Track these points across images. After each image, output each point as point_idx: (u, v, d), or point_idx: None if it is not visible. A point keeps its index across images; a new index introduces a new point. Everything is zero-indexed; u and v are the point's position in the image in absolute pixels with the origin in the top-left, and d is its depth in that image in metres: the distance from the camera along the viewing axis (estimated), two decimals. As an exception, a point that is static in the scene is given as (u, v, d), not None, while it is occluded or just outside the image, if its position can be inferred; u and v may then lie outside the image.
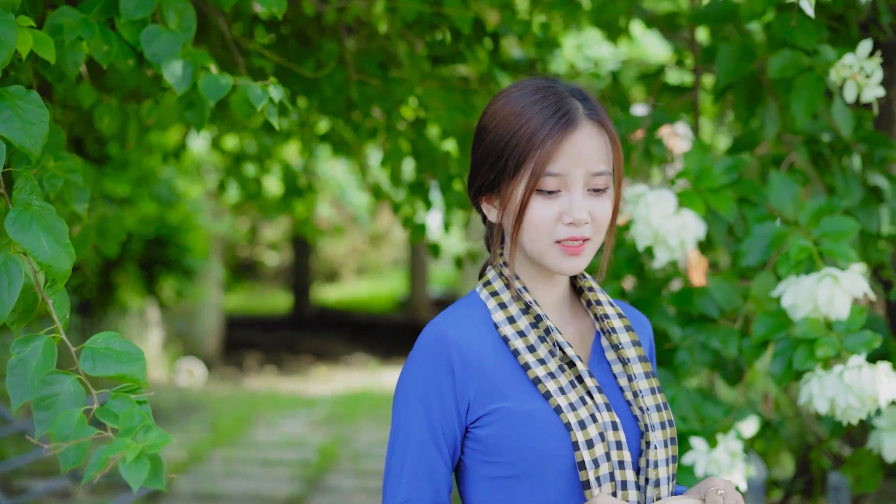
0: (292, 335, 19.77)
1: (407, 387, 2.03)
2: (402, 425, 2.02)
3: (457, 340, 2.01)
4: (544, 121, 1.98)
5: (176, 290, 12.79)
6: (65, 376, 1.71)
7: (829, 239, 2.96)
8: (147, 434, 1.53)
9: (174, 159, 5.70)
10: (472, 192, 2.11)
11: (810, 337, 2.80)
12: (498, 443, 1.98)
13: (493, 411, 1.99)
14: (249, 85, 2.41)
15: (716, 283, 3.14)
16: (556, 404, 1.98)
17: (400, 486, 2.01)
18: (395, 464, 2.02)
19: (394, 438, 2.04)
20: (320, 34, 4.24)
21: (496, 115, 2.04)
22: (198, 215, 12.49)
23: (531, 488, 1.98)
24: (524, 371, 2.01)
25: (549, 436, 1.97)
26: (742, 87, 3.49)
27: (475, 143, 2.09)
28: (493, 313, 2.05)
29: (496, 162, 2.02)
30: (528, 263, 2.09)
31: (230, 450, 9.91)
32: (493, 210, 2.08)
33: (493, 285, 2.09)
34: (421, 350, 2.02)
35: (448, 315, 2.07)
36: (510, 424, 1.98)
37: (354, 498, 8.28)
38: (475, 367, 2.00)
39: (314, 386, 14.22)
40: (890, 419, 3.27)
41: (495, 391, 1.99)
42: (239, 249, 25.47)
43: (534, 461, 1.97)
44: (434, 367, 1.99)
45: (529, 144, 1.98)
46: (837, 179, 3.55)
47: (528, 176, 1.98)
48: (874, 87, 3.13)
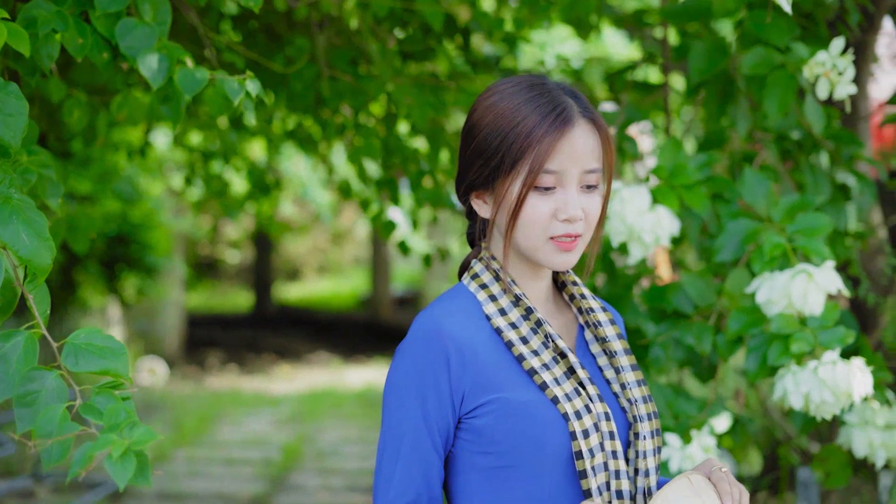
0: (254, 334, 19.68)
1: (401, 379, 2.02)
2: (396, 419, 2.01)
3: (451, 331, 2.00)
4: (542, 118, 2.00)
5: (138, 289, 12.69)
6: (47, 372, 1.69)
7: (802, 235, 2.98)
8: (133, 430, 1.51)
9: (140, 156, 5.65)
10: (463, 188, 2.10)
11: (785, 333, 2.82)
12: (494, 433, 1.99)
13: (490, 402, 1.99)
14: (226, 79, 2.39)
15: (690, 279, 3.15)
16: (553, 395, 2.00)
17: (393, 482, 2.00)
18: (389, 458, 2.01)
19: (387, 432, 2.02)
20: (290, 30, 4.21)
21: (490, 111, 2.04)
22: (160, 213, 12.40)
23: (525, 479, 2.00)
24: (518, 362, 2.02)
25: (546, 426, 1.99)
26: (714, 85, 3.50)
27: (466, 138, 2.09)
28: (484, 305, 2.05)
29: (491, 158, 2.02)
30: (516, 258, 2.10)
31: (194, 449, 9.85)
32: (484, 205, 2.09)
33: (482, 278, 2.09)
34: (415, 342, 2.02)
35: (439, 307, 2.06)
36: (507, 415, 1.99)
37: (319, 496, 8.25)
38: (470, 358, 2.00)
39: (277, 385, 14.16)
40: (860, 415, 3.30)
41: (491, 382, 2.00)
42: (200, 247, 25.33)
43: (530, 451, 1.99)
44: (430, 359, 1.99)
45: (527, 141, 1.99)
46: (807, 177, 3.58)
47: (526, 172, 1.99)
48: (846, 84, 3.16)
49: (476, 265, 2.12)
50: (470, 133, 2.07)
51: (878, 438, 3.27)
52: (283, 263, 27.98)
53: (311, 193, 13.97)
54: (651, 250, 3.07)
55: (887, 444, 3.27)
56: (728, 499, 2.01)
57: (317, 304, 24.87)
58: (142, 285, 12.54)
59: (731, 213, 3.17)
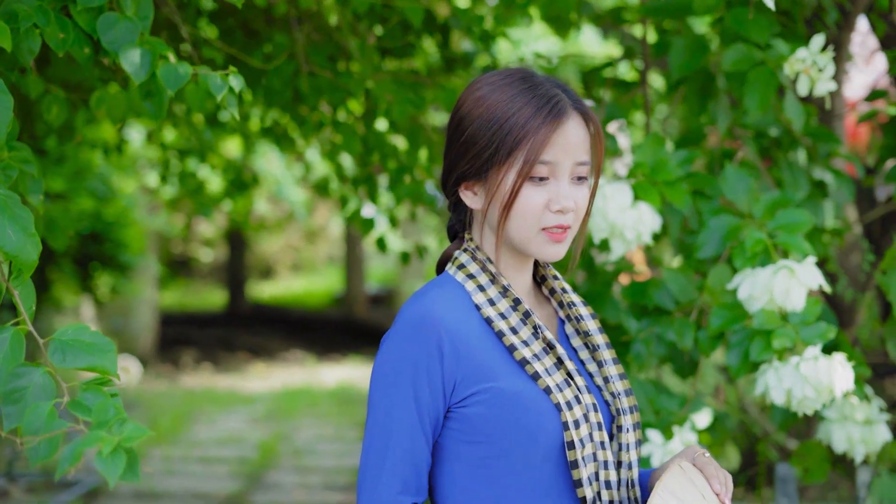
0: (228, 332, 19.60)
1: (393, 366, 2.00)
2: (387, 406, 1.99)
3: (444, 319, 2.00)
4: (537, 109, 2.01)
5: (111, 287, 12.63)
6: (34, 368, 1.67)
7: (783, 231, 2.98)
8: (122, 427, 1.50)
9: (117, 153, 5.61)
10: (453, 178, 2.09)
11: (766, 328, 2.82)
12: (484, 423, 1.99)
13: (482, 391, 1.99)
14: (209, 74, 2.38)
15: (671, 275, 3.15)
16: (546, 385, 2.00)
17: (384, 470, 1.97)
18: (380, 446, 1.99)
19: (377, 420, 2.00)
20: (268, 26, 4.19)
21: (483, 102, 2.04)
22: (134, 211, 12.34)
23: (513, 469, 2.00)
24: (509, 352, 2.03)
25: (540, 416, 1.99)
26: (694, 82, 3.51)
27: (456, 129, 2.08)
28: (473, 295, 2.05)
29: (485, 148, 2.02)
30: (503, 249, 2.10)
31: (169, 448, 9.80)
32: (474, 196, 2.08)
33: (469, 268, 2.08)
34: (407, 329, 2.00)
35: (429, 295, 2.04)
36: (499, 404, 1.98)
37: (295, 494, 8.23)
38: (463, 347, 1.99)
39: (252, 383, 14.11)
40: (839, 411, 3.31)
41: (483, 371, 2.00)
42: (173, 245, 25.22)
43: (522, 441, 1.99)
44: (423, 346, 1.98)
45: (523, 131, 2.00)
46: (785, 174, 3.59)
47: (521, 163, 2.00)
48: (826, 81, 3.17)
49: (461, 255, 2.11)
50: (461, 123, 2.07)
51: (857, 434, 3.28)
52: (257, 262, 27.89)
53: (286, 191, 13.94)
54: (633, 247, 3.07)
55: (866, 439, 3.29)
56: (716, 482, 2.05)
57: (291, 302, 24.80)
58: (115, 283, 12.49)
59: (712, 210, 3.17)
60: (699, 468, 2.08)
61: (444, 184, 2.14)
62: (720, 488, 2.05)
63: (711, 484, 2.05)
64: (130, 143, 8.93)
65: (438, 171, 4.78)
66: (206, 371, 15.21)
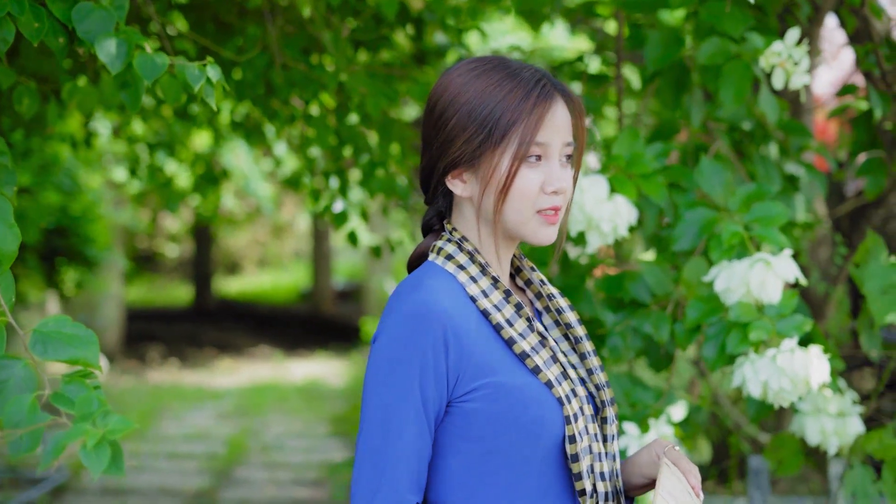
0: (194, 327, 19.51)
1: (394, 360, 1.92)
2: (389, 403, 1.92)
3: (447, 310, 1.95)
4: (528, 90, 1.99)
5: (77, 282, 12.53)
6: (14, 361, 1.65)
7: (759, 224, 2.99)
8: (106, 420, 1.48)
9: (86, 146, 5.56)
10: (441, 168, 2.05)
11: (743, 321, 2.83)
12: (487, 418, 1.95)
13: (484, 385, 1.95)
14: (186, 65, 2.35)
15: (648, 268, 3.15)
16: (546, 379, 1.98)
17: (388, 466, 1.90)
18: (381, 442, 1.91)
19: (377, 414, 1.92)
20: (240, 18, 4.17)
21: (468, 87, 2.01)
22: (100, 205, 12.25)
23: (511, 464, 1.97)
24: (508, 345, 1.99)
25: (542, 410, 1.97)
26: (669, 75, 3.51)
27: (440, 117, 2.04)
28: (466, 286, 2.00)
29: (477, 132, 1.99)
30: (489, 239, 2.07)
31: (136, 443, 9.74)
32: (462, 184, 2.05)
33: (458, 259, 2.04)
34: (410, 320, 1.94)
35: (426, 285, 1.98)
36: (502, 399, 1.95)
37: (265, 490, 8.20)
38: (465, 340, 1.95)
39: (219, 378, 14.05)
40: (812, 403, 3.33)
41: (485, 365, 1.96)
42: (138, 241, 25.07)
43: (525, 435, 1.96)
44: (428, 338, 1.92)
45: (516, 112, 1.98)
46: (758, 167, 3.60)
47: (516, 144, 1.98)
48: (801, 74, 3.18)
49: (447, 246, 2.06)
50: (446, 111, 2.03)
51: (830, 426, 3.30)
52: (223, 257, 27.78)
53: (253, 186, 13.88)
54: (609, 240, 3.07)
55: (839, 431, 3.31)
56: (692, 476, 2.05)
57: (257, 297, 24.72)
58: (81, 279, 12.39)
59: (688, 203, 3.17)
60: (674, 461, 2.08)
61: (428, 175, 2.10)
62: (696, 482, 2.05)
63: (688, 478, 2.05)
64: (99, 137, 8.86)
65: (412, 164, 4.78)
66: (172, 367, 15.13)
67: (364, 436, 1.93)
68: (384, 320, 1.98)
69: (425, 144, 2.09)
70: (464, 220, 2.09)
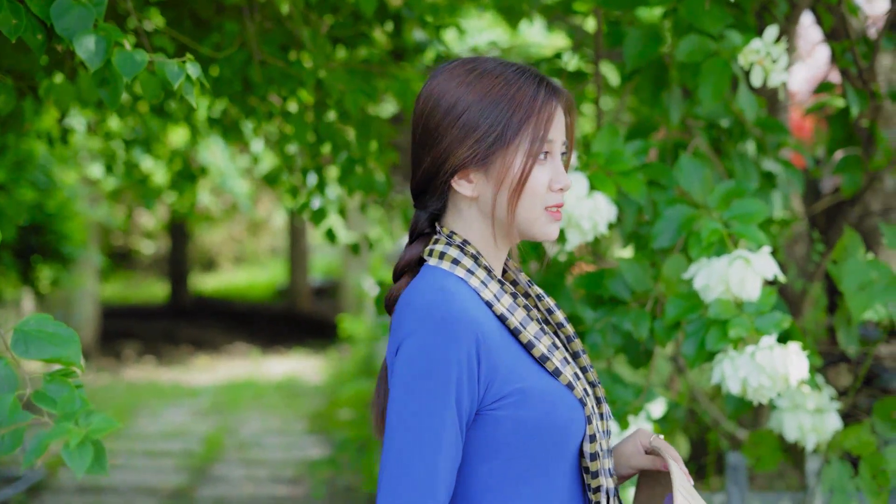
0: (170, 325, 19.46)
1: (432, 369, 1.87)
2: (426, 411, 1.86)
3: (475, 316, 1.92)
4: (535, 89, 1.99)
5: (52, 280, 12.46)
6: (-6, 360, 1.64)
7: (739, 221, 3.00)
8: (89, 418, 1.47)
9: (62, 143, 5.53)
10: (448, 169, 2.00)
11: (722, 318, 2.84)
12: (517, 424, 1.93)
13: (513, 392, 1.93)
14: (166, 62, 2.34)
15: (627, 265, 3.16)
16: (567, 381, 1.98)
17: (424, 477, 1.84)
18: (417, 455, 1.85)
19: (414, 426, 1.87)
20: (218, 15, 4.15)
21: (474, 86, 1.99)
22: (75, 202, 12.19)
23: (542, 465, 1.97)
24: (526, 350, 1.98)
25: (569, 411, 1.98)
26: (647, 72, 3.52)
27: (444, 118, 2.00)
28: (480, 291, 1.98)
29: (488, 131, 1.97)
30: (489, 240, 2.06)
31: (113, 441, 9.71)
32: (469, 185, 2.02)
33: (464, 263, 2.00)
34: (442, 328, 1.89)
35: (449, 290, 1.94)
36: (530, 404, 1.93)
37: (242, 487, 8.19)
38: (493, 347, 1.92)
39: (196, 376, 14.02)
40: (791, 399, 3.34)
41: (512, 371, 1.94)
42: (114, 238, 24.97)
43: (554, 437, 1.96)
44: (462, 347, 1.87)
45: (528, 110, 1.98)
46: (736, 165, 3.61)
47: (529, 142, 1.98)
48: (780, 72, 3.19)
49: (450, 250, 2.02)
50: (452, 111, 1.99)
51: (808, 422, 3.32)
52: (199, 254, 27.70)
53: (229, 183, 13.84)
54: (589, 237, 3.07)
55: (817, 427, 3.33)
56: (681, 464, 2.08)
57: (234, 294, 24.67)
58: (57, 276, 12.33)
59: (667, 200, 3.18)
60: (662, 450, 2.10)
61: (430, 178, 2.04)
62: (685, 469, 2.07)
63: (679, 465, 2.07)
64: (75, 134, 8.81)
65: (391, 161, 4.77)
66: (148, 364, 15.09)
67: (397, 444, 1.87)
68: (408, 327, 1.92)
69: (424, 146, 2.04)
70: (463, 221, 2.06)
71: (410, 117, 2.11)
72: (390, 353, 1.97)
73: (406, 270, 2.08)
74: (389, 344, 1.98)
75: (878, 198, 5.52)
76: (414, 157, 2.08)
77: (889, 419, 3.54)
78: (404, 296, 1.97)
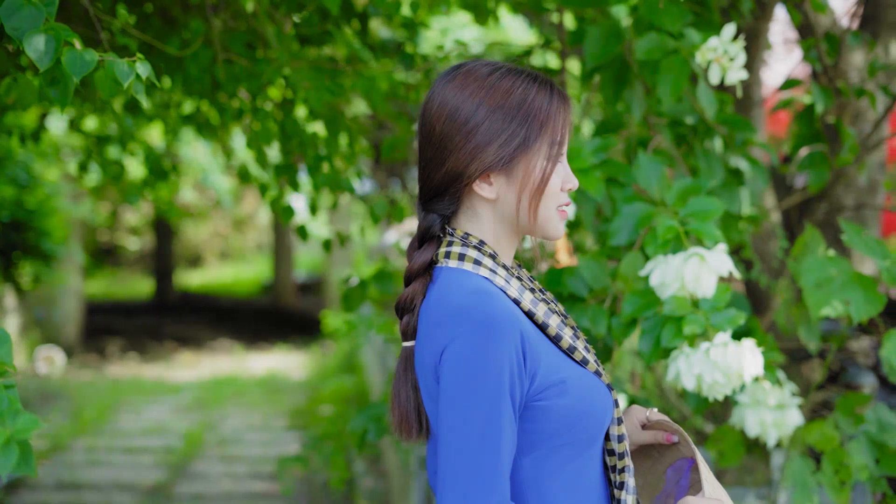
0: (155, 321, 19.46)
1: (484, 370, 1.92)
2: (484, 412, 1.91)
3: (518, 316, 1.99)
4: (549, 93, 2.08)
5: (33, 276, 12.45)
6: (-74, 360, 1.64)
7: (695, 219, 3.01)
8: (15, 419, 1.48)
9: (33, 141, 5.53)
10: (475, 172, 2.05)
11: (677, 315, 2.85)
12: (559, 413, 2.01)
13: (558, 382, 2.01)
14: (115, 61, 2.34)
15: (585, 262, 3.17)
16: (595, 368, 2.10)
17: (493, 478, 1.90)
18: (481, 456, 1.90)
19: (475, 428, 1.92)
20: (185, 13, 4.15)
21: (495, 91, 2.05)
22: (56, 199, 12.17)
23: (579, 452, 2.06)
24: (555, 342, 2.07)
25: (602, 398, 2.09)
26: (609, 70, 3.53)
27: (467, 123, 2.04)
28: (506, 290, 2.03)
29: (514, 135, 2.04)
30: (502, 239, 2.12)
31: (93, 438, 9.71)
32: (489, 187, 2.07)
33: (485, 263, 2.05)
34: (486, 329, 1.93)
35: (485, 291, 1.99)
36: (570, 393, 2.02)
37: (221, 483, 8.20)
38: (533, 342, 2.00)
39: (179, 372, 14.02)
40: (752, 395, 3.36)
41: (550, 364, 2.02)
42: (99, 234, 24.95)
43: (591, 425, 2.06)
44: (510, 345, 1.94)
45: (547, 114, 2.06)
46: (700, 161, 3.62)
47: (549, 145, 2.06)
48: (737, 69, 3.21)
49: (469, 251, 2.07)
50: (474, 115, 2.04)
51: (769, 418, 3.34)
52: (185, 250, 27.69)
53: (212, 179, 13.84)
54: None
55: (778, 423, 3.35)
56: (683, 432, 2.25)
57: (219, 290, 24.67)
58: (38, 272, 12.32)
59: (625, 198, 3.19)
60: (660, 422, 2.27)
61: (451, 181, 2.08)
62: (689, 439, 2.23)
63: (683, 437, 2.24)
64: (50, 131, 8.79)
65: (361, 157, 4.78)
66: (132, 360, 15.08)
67: (460, 444, 1.92)
68: (451, 330, 1.96)
69: (444, 150, 2.07)
70: (478, 222, 2.11)
71: (419, 124, 2.13)
72: (426, 357, 2.01)
73: (420, 274, 2.11)
74: (423, 348, 2.02)
75: (851, 193, 5.55)
76: (429, 161, 2.10)
77: (852, 414, 3.56)
78: (436, 300, 2.02)
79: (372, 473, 8.06)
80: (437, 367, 1.97)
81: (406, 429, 2.11)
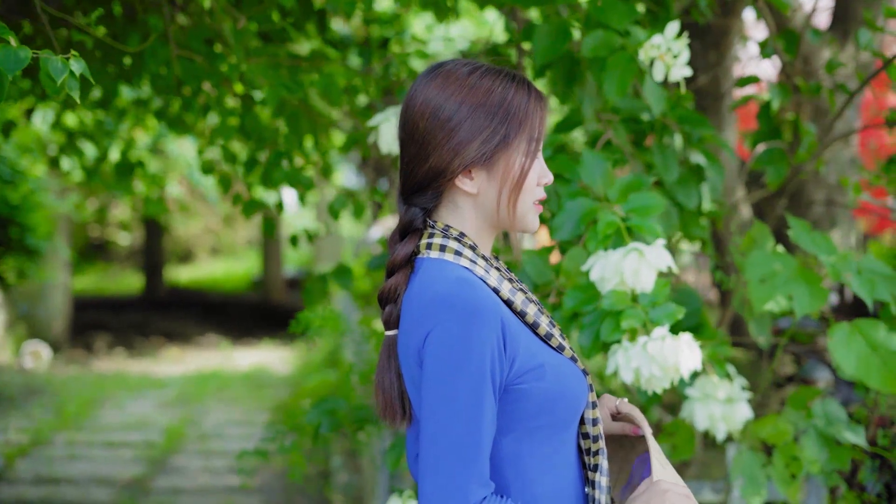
0: (144, 316, 19.46)
1: (466, 356, 1.99)
2: (465, 397, 1.99)
3: (498, 304, 2.06)
4: (527, 90, 2.15)
5: (18, 272, 12.47)
6: None
7: (636, 214, 3.03)
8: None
9: (3, 136, 5.54)
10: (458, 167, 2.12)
11: (616, 309, 2.87)
12: (538, 396, 2.08)
13: (536, 367, 2.08)
14: (49, 58, 2.37)
15: (528, 257, 3.20)
16: (570, 354, 2.19)
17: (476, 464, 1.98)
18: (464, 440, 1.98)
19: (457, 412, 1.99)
20: (145, 11, 4.17)
21: (477, 88, 2.11)
22: (41, 194, 12.17)
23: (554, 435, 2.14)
24: (532, 329, 2.15)
25: (578, 382, 2.17)
26: (560, 67, 3.55)
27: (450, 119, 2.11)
28: (486, 280, 2.10)
29: (495, 131, 2.11)
30: (482, 232, 2.20)
31: (74, 433, 9.73)
32: (470, 181, 2.14)
33: (465, 254, 2.13)
34: (468, 316, 2.00)
35: (463, 280, 2.05)
36: (547, 377, 2.09)
37: (199, 478, 8.22)
38: (512, 328, 2.06)
39: (164, 367, 14.04)
40: (701, 389, 3.39)
41: (528, 349, 2.08)
42: (89, 229, 24.94)
43: (567, 408, 2.14)
44: (491, 332, 2.00)
45: (525, 111, 2.12)
46: (656, 157, 3.64)
47: (527, 141, 2.13)
48: (681, 66, 3.23)
49: (450, 242, 2.14)
50: (457, 112, 2.10)
51: (718, 411, 3.37)
52: (175, 245, 27.68)
53: (197, 175, 13.84)
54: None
55: (727, 417, 3.37)
56: (646, 425, 2.31)
57: (209, 285, 24.68)
58: (23, 268, 12.33)
59: (570, 193, 3.22)
60: (629, 413, 2.34)
61: (434, 176, 2.14)
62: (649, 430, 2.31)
63: (643, 429, 2.31)
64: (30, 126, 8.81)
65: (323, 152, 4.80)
66: (119, 356, 15.10)
67: (442, 426, 1.99)
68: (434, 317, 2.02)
69: (428, 146, 2.13)
70: (459, 215, 2.18)
71: (400, 122, 2.19)
72: (410, 343, 2.07)
73: (403, 265, 2.17)
74: (407, 336, 2.09)
75: (821, 190, 5.58)
76: (412, 157, 2.17)
77: (804, 408, 3.59)
78: (418, 289, 2.09)
79: (348, 468, 8.08)
80: (421, 351, 2.04)
81: (391, 414, 2.18)
